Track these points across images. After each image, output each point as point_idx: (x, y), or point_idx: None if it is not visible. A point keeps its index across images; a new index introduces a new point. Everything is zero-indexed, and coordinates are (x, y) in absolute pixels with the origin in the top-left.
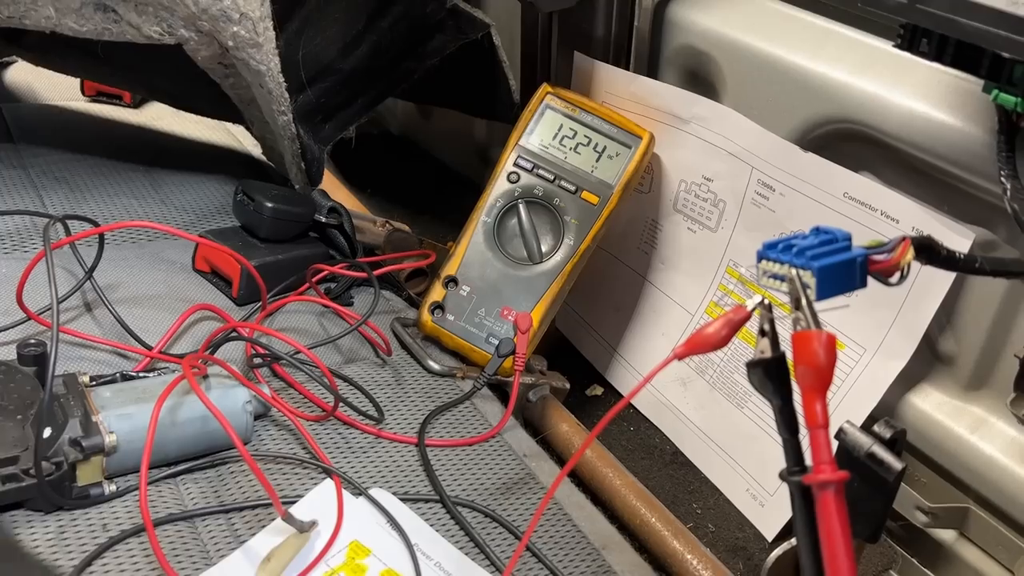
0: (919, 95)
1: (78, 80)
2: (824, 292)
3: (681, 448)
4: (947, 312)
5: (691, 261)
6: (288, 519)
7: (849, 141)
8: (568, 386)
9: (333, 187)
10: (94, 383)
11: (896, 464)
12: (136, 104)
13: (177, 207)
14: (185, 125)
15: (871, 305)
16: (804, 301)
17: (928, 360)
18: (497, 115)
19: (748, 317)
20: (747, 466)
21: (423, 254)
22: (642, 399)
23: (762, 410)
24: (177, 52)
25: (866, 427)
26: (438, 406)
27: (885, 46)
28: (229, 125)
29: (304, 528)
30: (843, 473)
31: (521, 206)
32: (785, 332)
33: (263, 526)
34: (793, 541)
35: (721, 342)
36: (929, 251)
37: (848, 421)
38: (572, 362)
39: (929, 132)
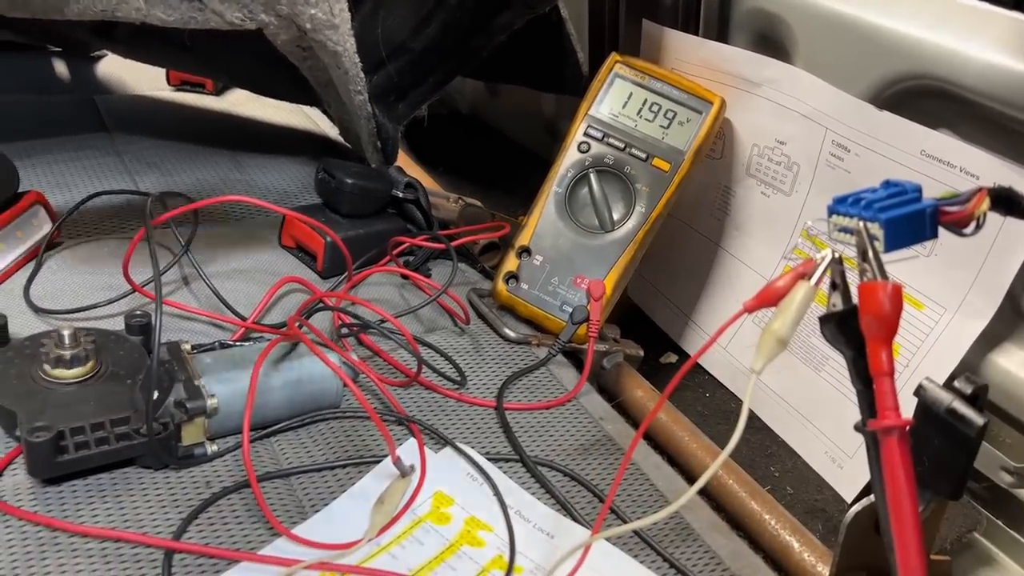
0: (998, 46)
1: (164, 70)
2: (893, 243)
3: (758, 413)
4: None
5: (765, 225)
6: (397, 463)
7: (925, 98)
8: (642, 353)
9: (406, 165)
10: (195, 351)
11: (977, 419)
12: (218, 91)
13: (261, 188)
14: (265, 110)
15: (950, 264)
16: (871, 252)
17: (1011, 318)
18: (565, 89)
19: (816, 270)
20: (825, 429)
21: (497, 226)
22: (717, 366)
23: (840, 373)
24: (257, 37)
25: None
26: (515, 372)
27: None
28: (307, 108)
29: (407, 472)
30: (907, 419)
31: (592, 175)
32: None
33: (353, 482)
34: (872, 497)
35: None
36: (1008, 202)
37: (927, 378)
38: (645, 331)
39: (1010, 84)
